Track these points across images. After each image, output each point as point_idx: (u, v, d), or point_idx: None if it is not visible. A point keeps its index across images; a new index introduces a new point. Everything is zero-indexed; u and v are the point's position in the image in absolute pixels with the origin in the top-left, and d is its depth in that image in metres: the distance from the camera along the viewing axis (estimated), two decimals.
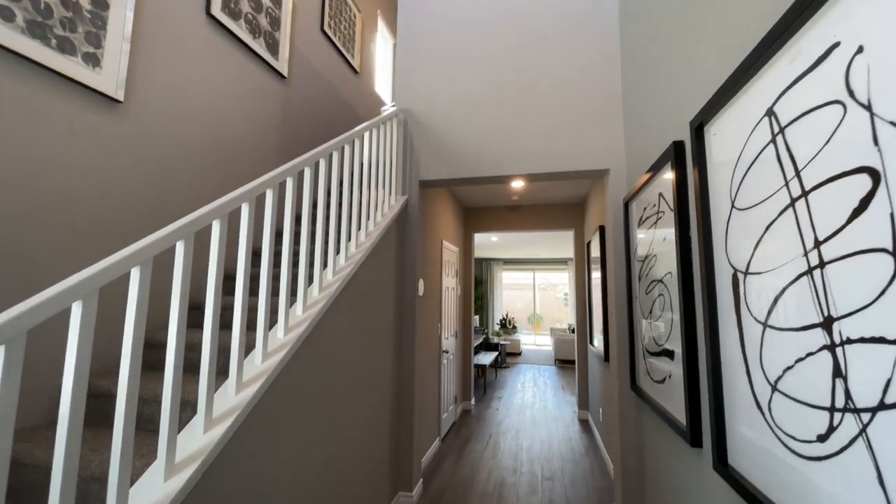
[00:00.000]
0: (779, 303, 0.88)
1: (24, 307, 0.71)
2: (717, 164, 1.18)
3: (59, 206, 1.58)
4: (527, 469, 3.17)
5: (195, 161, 2.21)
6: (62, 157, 1.59)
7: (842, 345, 0.70)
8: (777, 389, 0.89)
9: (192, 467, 1.02)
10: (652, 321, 1.85)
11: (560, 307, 11.53)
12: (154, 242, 0.96)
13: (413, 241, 2.73)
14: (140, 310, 0.92)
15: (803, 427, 0.81)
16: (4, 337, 0.68)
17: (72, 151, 1.63)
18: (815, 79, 0.76)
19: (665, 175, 1.63)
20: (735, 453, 1.10)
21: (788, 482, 0.86)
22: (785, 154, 0.85)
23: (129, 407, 0.90)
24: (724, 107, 1.12)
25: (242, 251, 1.26)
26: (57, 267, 1.56)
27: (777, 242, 0.88)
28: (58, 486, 0.77)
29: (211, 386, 1.13)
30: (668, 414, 1.61)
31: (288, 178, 1.52)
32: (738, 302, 1.05)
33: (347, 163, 1.97)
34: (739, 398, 1.06)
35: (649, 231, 1.88)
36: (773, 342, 0.90)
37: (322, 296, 1.67)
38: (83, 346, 0.80)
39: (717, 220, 1.18)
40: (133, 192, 1.86)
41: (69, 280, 0.79)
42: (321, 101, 3.53)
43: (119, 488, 0.88)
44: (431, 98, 2.82)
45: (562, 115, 2.58)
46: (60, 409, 0.78)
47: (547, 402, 5.23)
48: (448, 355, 4.04)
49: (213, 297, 1.14)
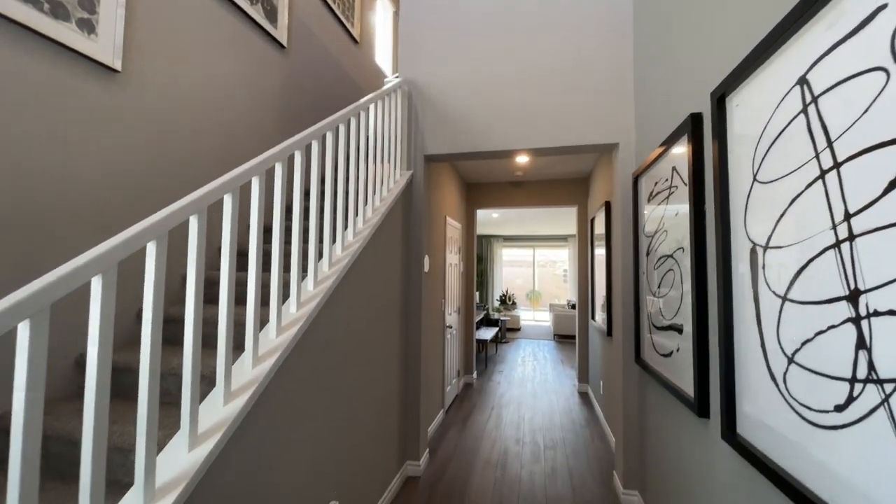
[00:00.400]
0: (801, 276, 0.88)
1: (47, 281, 0.70)
2: (738, 136, 1.16)
3: (57, 183, 1.54)
4: (529, 439, 3.27)
5: (195, 134, 2.16)
6: (60, 131, 1.54)
7: (868, 317, 0.70)
8: (794, 362, 0.90)
9: (215, 438, 1.03)
10: (659, 296, 1.86)
11: (559, 284, 11.62)
12: (169, 216, 0.94)
13: (418, 216, 2.70)
14: (158, 283, 0.91)
15: (820, 397, 0.82)
16: (29, 311, 0.68)
17: (70, 126, 1.58)
18: (855, 44, 0.73)
19: (680, 148, 1.60)
20: (744, 423, 1.12)
21: (800, 450, 0.88)
22: (817, 124, 0.83)
23: (153, 380, 0.90)
24: (750, 76, 1.09)
25: (254, 225, 1.25)
26: (57, 245, 1.54)
27: (802, 216, 0.87)
28: (89, 458, 0.78)
29: (228, 360, 1.14)
30: (675, 386, 1.64)
31: (296, 152, 1.48)
32: (756, 276, 1.05)
33: (353, 136, 1.93)
34: (752, 370, 1.08)
35: (660, 206, 1.87)
36: (792, 316, 0.91)
37: (332, 271, 1.67)
38: (105, 320, 0.80)
39: (737, 194, 1.16)
40: (133, 167, 1.82)
41: (88, 254, 0.78)
42: (321, 72, 3.43)
43: (147, 457, 0.89)
44: (436, 69, 2.73)
45: (571, 87, 2.51)
46: (86, 382, 0.79)
47: (547, 376, 5.34)
48: (451, 330, 4.09)
49: (228, 272, 1.13)
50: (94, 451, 0.78)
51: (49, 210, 1.50)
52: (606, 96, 2.46)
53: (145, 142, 1.87)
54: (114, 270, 0.82)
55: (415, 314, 2.65)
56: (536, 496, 2.41)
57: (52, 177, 1.51)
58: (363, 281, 1.97)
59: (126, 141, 1.78)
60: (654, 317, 1.97)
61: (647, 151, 2.16)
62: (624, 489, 2.32)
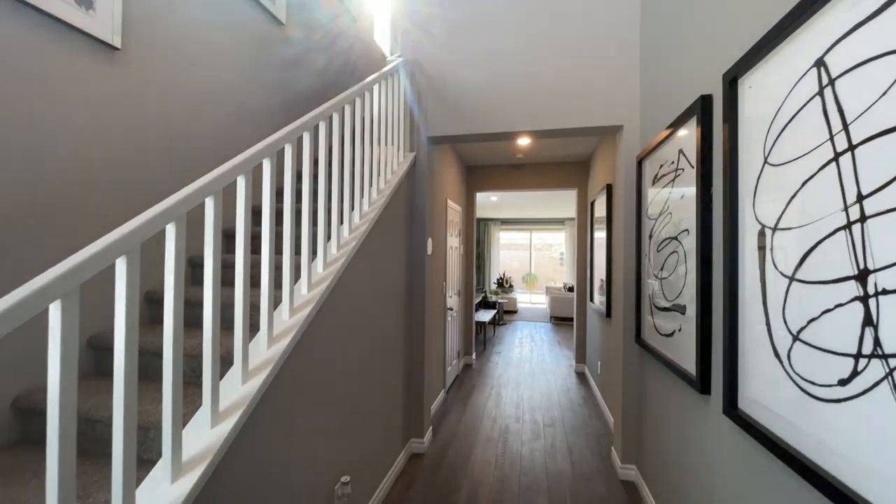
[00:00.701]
0: (809, 257, 0.90)
1: (76, 262, 0.71)
2: (750, 118, 1.16)
3: (55, 163, 1.52)
4: (528, 417, 3.36)
5: (196, 113, 2.12)
6: (60, 110, 1.51)
7: (876, 296, 0.73)
8: (799, 339, 0.94)
9: (236, 415, 1.06)
10: (662, 278, 1.90)
11: (555, 267, 11.71)
12: (187, 197, 0.94)
13: (422, 199, 2.70)
14: (178, 264, 0.92)
15: (824, 373, 0.86)
16: (60, 292, 0.69)
17: (71, 104, 1.54)
18: (877, 26, 0.74)
19: (688, 131, 1.61)
20: (746, 399, 1.17)
21: (801, 422, 0.92)
22: (833, 107, 0.84)
23: (177, 358, 0.92)
24: (764, 58, 1.09)
25: (266, 207, 1.25)
26: (58, 228, 1.53)
27: (814, 198, 0.89)
28: (120, 436, 0.80)
29: (246, 340, 1.15)
30: (676, 365, 1.69)
31: (305, 133, 1.47)
32: (764, 257, 1.08)
33: (358, 117, 1.91)
34: (756, 348, 1.11)
35: (665, 189, 1.88)
36: (798, 295, 0.94)
37: (341, 253, 1.68)
38: (132, 300, 0.81)
39: (746, 177, 1.18)
40: (135, 146, 1.80)
41: (112, 235, 0.79)
42: (320, 49, 3.35)
43: (174, 432, 0.92)
44: (440, 49, 2.69)
45: (576, 68, 2.49)
46: (115, 362, 0.80)
47: (544, 357, 5.45)
48: (452, 312, 4.14)
49: (242, 254, 1.14)
50: (125, 429, 0.80)
51: (47, 190, 1.48)
52: (611, 78, 2.44)
53: (146, 121, 1.84)
54: (137, 251, 0.83)
55: (418, 296, 2.68)
56: (537, 471, 2.50)
57: (50, 157, 1.49)
58: (370, 263, 1.98)
59: (127, 120, 1.75)
60: (655, 298, 2.01)
61: (652, 134, 2.16)
62: (622, 464, 2.40)
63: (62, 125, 1.51)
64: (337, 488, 1.64)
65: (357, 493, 1.86)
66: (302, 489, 1.40)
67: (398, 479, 2.37)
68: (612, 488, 2.30)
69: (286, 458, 1.30)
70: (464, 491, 2.27)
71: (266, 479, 1.20)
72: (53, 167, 1.48)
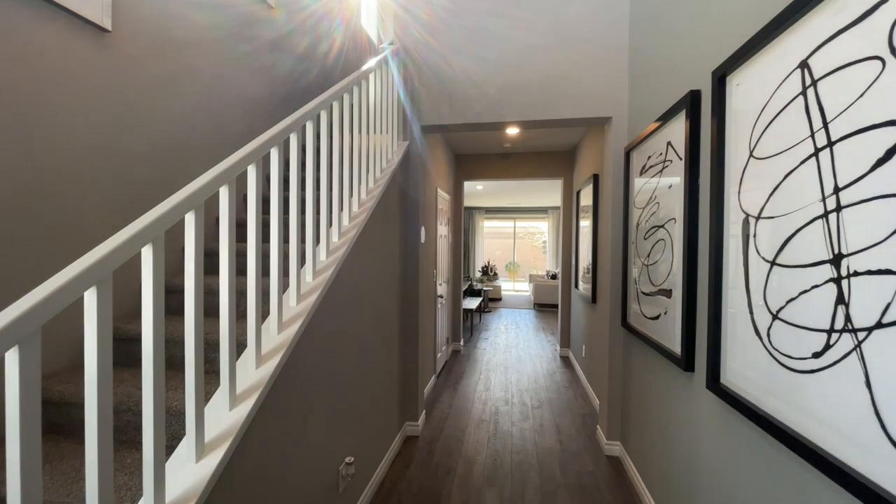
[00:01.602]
0: (789, 244, 0.99)
1: (108, 248, 0.73)
2: (737, 113, 1.24)
3: (43, 148, 1.49)
4: (517, 400, 3.48)
5: (187, 97, 2.08)
6: (49, 94, 1.47)
7: (848, 277, 0.82)
8: (778, 318, 1.03)
9: (253, 397, 1.10)
10: (649, 264, 2.00)
11: (538, 255, 11.92)
12: (203, 187, 0.96)
13: (416, 188, 2.73)
14: (198, 252, 0.94)
15: (799, 347, 0.95)
16: (94, 279, 0.71)
17: (60, 88, 1.50)
18: (857, 33, 0.81)
19: (676, 124, 1.69)
20: (728, 374, 1.27)
21: (778, 392, 1.02)
22: (814, 106, 0.92)
23: (198, 338, 0.95)
24: (752, 57, 1.16)
25: (275, 196, 1.26)
26: (44, 215, 1.51)
27: (795, 189, 0.98)
28: (150, 414, 0.83)
29: (259, 325, 1.18)
30: (661, 345, 1.80)
31: (308, 122, 1.48)
32: (747, 244, 1.17)
33: (356, 105, 1.92)
34: (738, 328, 1.21)
35: (653, 179, 1.97)
36: (778, 278, 1.03)
37: (343, 241, 1.71)
38: (158, 288, 0.83)
39: (732, 169, 1.26)
40: (126, 132, 1.76)
41: (136, 224, 0.80)
42: (309, 32, 3.29)
43: (197, 411, 0.95)
44: (432, 38, 2.69)
45: (567, 60, 2.54)
46: (143, 351, 0.83)
47: (530, 342, 5.60)
48: (441, 300, 4.21)
49: (254, 242, 1.16)
50: (154, 409, 0.83)
51: (34, 177, 1.45)
52: (601, 71, 2.51)
53: (136, 106, 1.80)
54: (161, 240, 0.84)
55: (412, 283, 2.73)
56: (528, 448, 2.62)
57: (39, 142, 1.46)
58: (368, 250, 2.01)
59: (116, 104, 1.71)
60: (641, 284, 2.11)
61: (640, 126, 2.24)
62: (607, 440, 2.54)
63: (50, 108, 1.47)
64: (341, 468, 1.69)
65: (359, 474, 1.93)
66: (311, 469, 1.45)
67: (395, 460, 2.45)
68: (598, 463, 2.44)
69: (297, 440, 1.35)
70: (459, 469, 2.36)
71: (279, 461, 1.25)
72: (39, 150, 1.45)
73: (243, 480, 1.07)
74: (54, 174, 1.47)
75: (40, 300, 0.62)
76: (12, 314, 0.60)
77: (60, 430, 1.33)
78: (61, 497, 1.02)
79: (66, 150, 1.51)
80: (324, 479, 1.55)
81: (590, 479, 2.28)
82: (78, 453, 1.22)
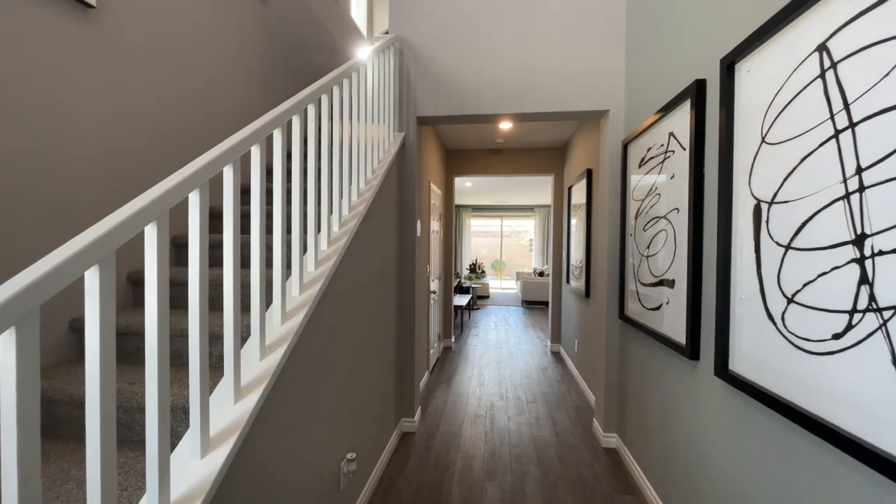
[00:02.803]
0: (806, 227, 1.00)
1: (110, 225, 0.67)
2: (747, 101, 1.25)
3: (26, 128, 1.39)
4: (512, 394, 3.47)
5: (174, 80, 1.99)
6: (30, 71, 1.37)
7: (872, 257, 0.82)
8: (793, 301, 1.04)
9: (259, 389, 1.04)
10: (649, 255, 2.01)
11: (524, 253, 11.99)
12: (206, 166, 0.90)
13: (411, 180, 2.68)
14: (203, 235, 0.88)
15: (818, 329, 0.96)
16: (96, 257, 0.65)
17: (43, 64, 1.40)
18: (880, 14, 0.81)
19: (679, 114, 1.69)
20: (737, 360, 1.28)
21: (795, 375, 1.03)
22: (834, 88, 0.92)
23: (203, 336, 0.89)
24: (763, 44, 1.16)
25: (278, 182, 1.21)
26: (24, 193, 1.41)
27: (812, 172, 0.98)
28: (154, 409, 0.77)
29: (263, 314, 1.13)
30: (663, 335, 1.81)
31: (309, 106, 1.42)
32: (759, 229, 1.17)
33: (355, 93, 1.86)
34: (749, 313, 1.22)
35: (653, 171, 1.98)
36: (794, 262, 1.04)
37: (343, 231, 1.66)
38: (162, 269, 0.77)
39: (742, 156, 1.27)
40: (110, 111, 1.67)
41: (138, 201, 0.74)
42: (301, 26, 3.21)
43: (202, 404, 0.89)
44: (428, 28, 2.65)
45: (565, 52, 2.53)
46: (147, 343, 0.77)
47: (520, 338, 5.61)
48: (434, 296, 4.17)
49: (258, 231, 1.10)
50: (159, 402, 0.77)
51: (16, 157, 1.36)
52: (599, 63, 2.51)
53: (122, 86, 1.70)
54: (166, 218, 0.78)
55: (408, 277, 2.68)
56: (525, 442, 2.61)
57: (21, 122, 1.36)
58: (367, 243, 1.96)
59: (103, 84, 1.62)
60: (640, 275, 2.12)
61: (638, 119, 2.25)
62: (604, 433, 2.55)
63: (33, 86, 1.37)
64: (343, 465, 1.64)
65: (359, 470, 1.87)
66: (313, 466, 1.40)
67: (393, 457, 2.40)
68: (596, 455, 2.45)
69: (299, 436, 1.29)
70: (458, 464, 2.33)
71: (281, 458, 1.19)
72: (19, 130, 1.35)
73: (245, 479, 1.02)
74: (38, 154, 1.38)
75: (39, 277, 0.56)
76: (7, 292, 0.53)
77: (44, 430, 1.24)
78: (49, 500, 0.95)
79: (51, 129, 1.41)
80: (325, 476, 1.50)
81: (589, 470, 2.29)
82: (64, 454, 1.14)
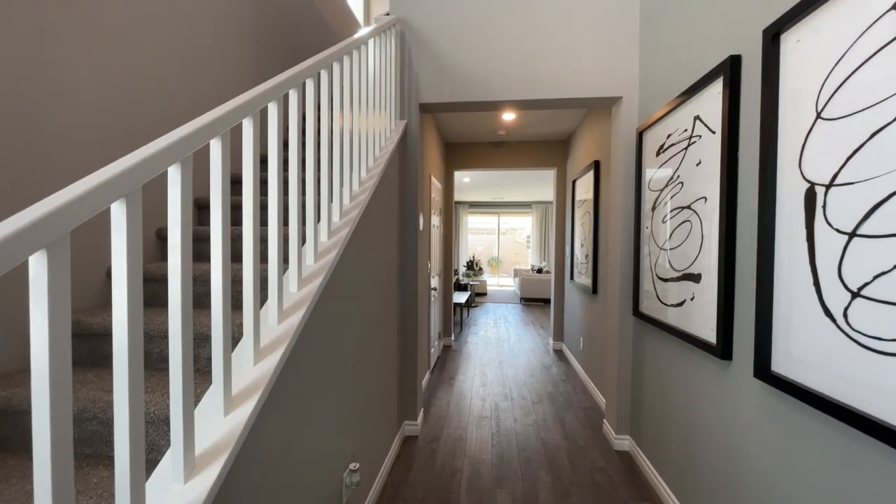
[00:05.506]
0: (878, 211, 0.88)
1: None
2: (795, 73, 1.13)
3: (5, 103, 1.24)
4: (516, 394, 3.36)
5: (155, 50, 1.83)
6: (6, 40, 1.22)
7: None
8: (860, 295, 0.92)
9: (253, 399, 0.90)
10: (670, 248, 1.89)
11: (521, 250, 11.89)
12: (191, 134, 0.75)
13: (414, 171, 2.54)
14: (185, 215, 0.74)
15: (893, 327, 0.84)
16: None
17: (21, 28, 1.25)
18: None
19: (708, 95, 1.57)
20: (782, 360, 1.16)
21: (861, 378, 0.91)
22: None
23: (185, 320, 0.75)
24: (820, 6, 1.04)
25: (273, 163, 1.06)
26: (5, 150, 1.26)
27: (886, 149, 0.86)
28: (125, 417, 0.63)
29: (257, 313, 0.99)
30: (687, 333, 1.69)
31: (308, 80, 1.28)
32: (813, 216, 1.06)
33: (356, 74, 1.72)
34: (799, 309, 1.10)
35: (674, 158, 1.86)
36: (861, 251, 0.92)
37: (345, 221, 1.52)
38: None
39: (789, 135, 1.15)
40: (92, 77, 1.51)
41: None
42: (293, 6, 3.05)
43: (185, 417, 0.75)
44: (431, 10, 2.50)
45: (574, 36, 2.40)
46: (115, 345, 0.63)
47: (521, 336, 5.50)
48: (434, 293, 4.04)
49: (252, 221, 0.96)
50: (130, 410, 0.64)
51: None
52: (611, 49, 2.38)
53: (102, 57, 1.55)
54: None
55: (410, 273, 2.55)
56: (534, 446, 2.49)
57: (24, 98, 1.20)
58: (369, 235, 1.82)
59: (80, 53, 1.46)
60: (659, 270, 2.00)
61: (654, 104, 2.13)
62: (616, 435, 2.44)
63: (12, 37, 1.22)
64: (345, 476, 1.51)
65: (362, 480, 1.74)
66: (314, 480, 1.26)
67: (395, 463, 2.27)
68: (609, 458, 2.34)
69: (298, 448, 1.16)
70: (465, 470, 2.21)
71: (278, 476, 1.05)
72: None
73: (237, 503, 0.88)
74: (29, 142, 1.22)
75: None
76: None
77: (7, 443, 1.09)
78: None
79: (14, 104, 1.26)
80: (327, 491, 1.36)
81: (602, 475, 2.17)
82: (28, 472, 0.99)
